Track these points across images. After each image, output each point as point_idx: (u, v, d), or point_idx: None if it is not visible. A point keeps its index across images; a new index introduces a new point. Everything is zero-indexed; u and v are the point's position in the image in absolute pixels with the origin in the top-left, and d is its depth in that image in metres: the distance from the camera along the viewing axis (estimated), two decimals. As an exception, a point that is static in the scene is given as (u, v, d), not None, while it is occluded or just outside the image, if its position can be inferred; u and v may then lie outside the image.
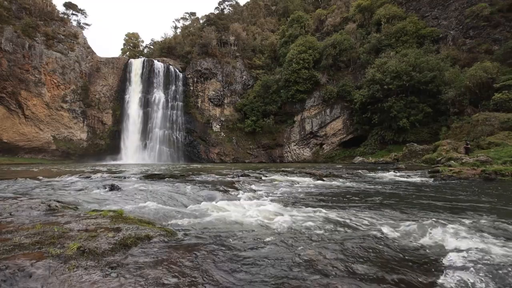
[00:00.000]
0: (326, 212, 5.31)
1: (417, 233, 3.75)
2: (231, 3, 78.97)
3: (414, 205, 6.08)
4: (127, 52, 79.92)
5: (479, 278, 2.42)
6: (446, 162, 18.22)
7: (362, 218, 4.71)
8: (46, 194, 6.79)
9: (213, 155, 52.39)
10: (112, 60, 55.14)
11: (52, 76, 46.67)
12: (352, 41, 47.55)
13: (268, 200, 6.92)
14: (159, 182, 9.96)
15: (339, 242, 3.38)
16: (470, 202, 6.50)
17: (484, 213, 5.19)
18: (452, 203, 6.42)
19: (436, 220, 4.58)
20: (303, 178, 12.49)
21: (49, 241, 2.72)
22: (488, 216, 4.92)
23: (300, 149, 49.88)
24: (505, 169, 12.09)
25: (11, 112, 44.17)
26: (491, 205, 6.07)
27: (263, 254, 2.94)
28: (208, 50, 55.71)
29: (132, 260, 2.52)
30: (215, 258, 2.78)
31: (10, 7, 45.72)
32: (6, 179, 9.89)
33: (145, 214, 4.69)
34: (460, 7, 39.25)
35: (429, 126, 35.39)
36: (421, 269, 2.65)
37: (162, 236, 3.30)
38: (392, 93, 37.14)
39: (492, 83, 28.73)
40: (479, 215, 4.98)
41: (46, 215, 3.91)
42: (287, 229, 4.02)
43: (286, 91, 49.13)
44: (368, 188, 9.50)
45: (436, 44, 40.21)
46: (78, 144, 50.07)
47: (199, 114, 54.48)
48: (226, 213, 5.04)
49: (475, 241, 3.36)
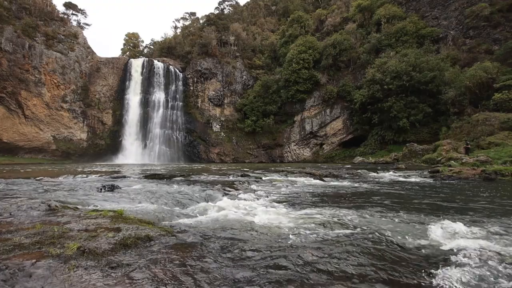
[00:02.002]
0: (326, 212, 5.31)
1: (417, 233, 3.75)
2: (231, 3, 79.01)
3: (414, 205, 6.09)
4: (127, 52, 79.96)
5: (479, 277, 2.42)
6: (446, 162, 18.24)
7: (362, 218, 4.71)
8: (46, 194, 6.79)
9: (213, 155, 52.40)
10: (112, 60, 55.13)
11: (52, 76, 46.67)
12: (352, 41, 47.54)
13: (268, 200, 6.92)
14: (159, 182, 9.97)
15: (338, 242, 3.39)
16: (470, 202, 6.50)
17: (484, 213, 5.20)
18: (452, 203, 6.42)
19: (436, 220, 4.59)
20: (303, 178, 12.49)
21: (49, 241, 2.72)
22: (488, 215, 4.92)
23: (300, 149, 49.89)
24: (505, 169, 12.10)
25: (11, 112, 44.16)
26: (491, 205, 6.07)
27: (263, 254, 2.94)
28: (208, 50, 55.71)
29: (132, 260, 2.52)
30: (216, 257, 2.78)
31: (10, 7, 45.70)
32: (6, 179, 9.88)
33: (145, 214, 4.68)
34: (460, 7, 39.25)
35: (429, 126, 35.40)
36: (421, 269, 2.65)
37: (162, 236, 3.30)
38: (392, 93, 37.14)
39: (492, 83, 28.73)
40: (479, 215, 4.98)
41: (46, 215, 3.91)
42: (287, 229, 4.02)
43: (286, 91, 49.14)
44: (368, 188, 9.50)
45: (436, 44, 40.21)
46: (78, 144, 50.07)
47: (199, 114, 54.49)
48: (226, 213, 5.04)
49: (475, 241, 3.36)
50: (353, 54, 46.52)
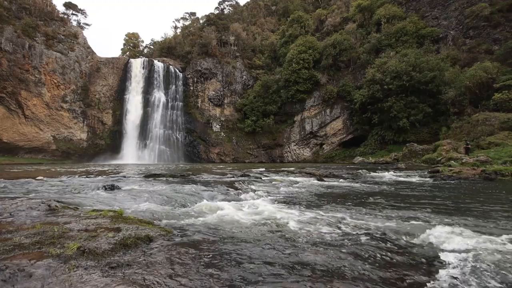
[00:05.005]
0: (326, 212, 5.31)
1: (417, 233, 3.75)
2: (231, 3, 79.00)
3: (414, 205, 6.09)
4: (127, 52, 79.92)
5: (478, 277, 2.42)
6: (446, 162, 18.24)
7: (362, 218, 4.71)
8: (46, 194, 6.79)
9: (213, 155, 52.40)
10: (112, 60, 55.11)
11: (52, 76, 46.65)
12: (352, 41, 47.51)
13: (268, 200, 6.92)
14: (159, 182, 9.97)
15: (338, 242, 3.39)
16: (470, 202, 6.50)
17: (484, 213, 5.20)
18: (452, 203, 6.42)
19: (436, 220, 4.59)
20: (303, 178, 12.49)
21: (49, 241, 2.72)
22: (487, 215, 4.92)
23: (300, 149, 49.88)
24: (505, 169, 12.11)
25: (11, 112, 44.15)
26: (491, 205, 6.07)
27: (263, 253, 2.94)
28: (208, 50, 55.69)
29: (132, 260, 2.52)
30: (216, 257, 2.78)
31: (10, 7, 45.67)
32: (6, 179, 9.88)
33: (145, 214, 4.69)
34: (460, 7, 39.23)
35: (429, 126, 35.39)
36: (421, 269, 2.66)
37: (162, 236, 3.30)
38: (392, 93, 37.13)
39: (492, 83, 28.73)
40: (479, 215, 4.98)
41: (46, 215, 3.92)
42: (287, 229, 4.02)
43: (286, 91, 49.13)
44: (368, 188, 9.50)
45: (436, 44, 40.19)
46: (78, 144, 50.06)
47: (199, 114, 54.48)
48: (226, 213, 5.05)
49: (475, 240, 3.36)
50: (353, 54, 46.49)
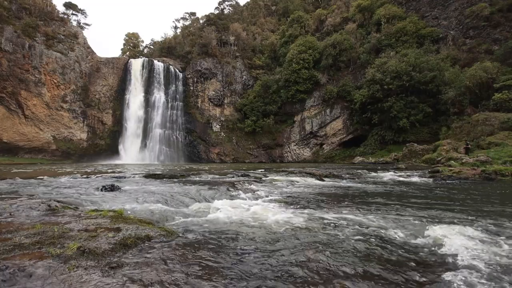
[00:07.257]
0: (326, 212, 5.31)
1: (417, 233, 3.75)
2: (231, 3, 79.04)
3: (414, 205, 6.09)
4: (127, 52, 79.89)
5: (479, 277, 2.42)
6: (446, 162, 18.23)
7: (362, 218, 4.71)
8: (46, 194, 6.79)
9: (213, 155, 52.40)
10: (112, 60, 55.10)
11: (52, 76, 46.64)
12: (352, 41, 47.53)
13: (268, 200, 6.93)
14: (159, 182, 9.96)
15: (338, 242, 3.39)
16: (470, 202, 6.51)
17: (483, 213, 5.19)
18: (452, 203, 6.42)
19: (436, 220, 4.59)
20: (303, 178, 12.49)
21: (49, 241, 2.72)
22: (487, 215, 4.92)
23: (300, 149, 49.88)
24: (505, 169, 12.10)
25: (11, 112, 44.14)
26: (490, 204, 6.07)
27: (263, 253, 2.94)
28: (208, 50, 55.70)
29: (132, 260, 2.52)
30: (215, 257, 2.78)
31: (10, 7, 45.67)
32: (6, 179, 9.88)
33: (145, 214, 4.69)
34: (460, 7, 39.23)
35: (429, 126, 35.40)
36: (421, 269, 2.66)
37: (162, 236, 3.30)
38: (392, 93, 37.14)
39: (492, 83, 28.73)
40: (479, 215, 4.98)
41: (46, 215, 3.92)
42: (287, 229, 4.02)
43: (286, 91, 49.14)
44: (368, 188, 9.50)
45: (436, 44, 40.19)
46: (78, 144, 50.05)
47: (199, 114, 54.48)
48: (225, 213, 5.05)
49: (475, 240, 3.37)
50: (353, 54, 46.50)
